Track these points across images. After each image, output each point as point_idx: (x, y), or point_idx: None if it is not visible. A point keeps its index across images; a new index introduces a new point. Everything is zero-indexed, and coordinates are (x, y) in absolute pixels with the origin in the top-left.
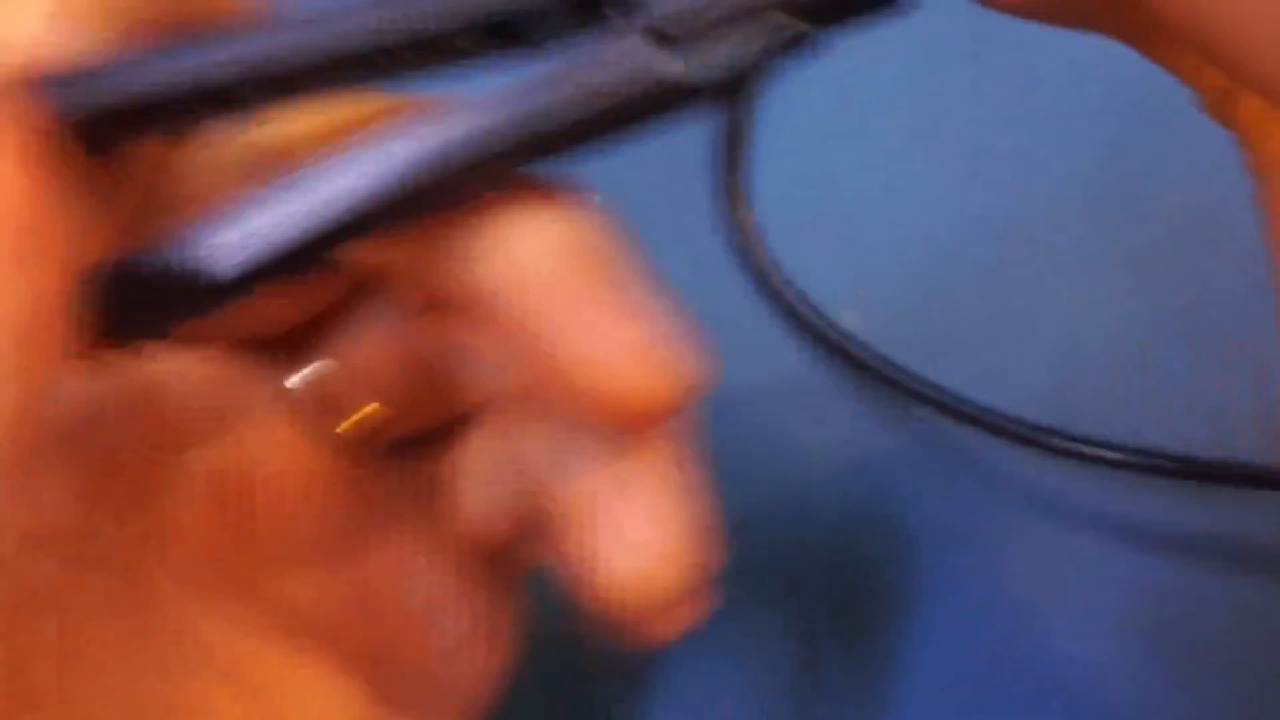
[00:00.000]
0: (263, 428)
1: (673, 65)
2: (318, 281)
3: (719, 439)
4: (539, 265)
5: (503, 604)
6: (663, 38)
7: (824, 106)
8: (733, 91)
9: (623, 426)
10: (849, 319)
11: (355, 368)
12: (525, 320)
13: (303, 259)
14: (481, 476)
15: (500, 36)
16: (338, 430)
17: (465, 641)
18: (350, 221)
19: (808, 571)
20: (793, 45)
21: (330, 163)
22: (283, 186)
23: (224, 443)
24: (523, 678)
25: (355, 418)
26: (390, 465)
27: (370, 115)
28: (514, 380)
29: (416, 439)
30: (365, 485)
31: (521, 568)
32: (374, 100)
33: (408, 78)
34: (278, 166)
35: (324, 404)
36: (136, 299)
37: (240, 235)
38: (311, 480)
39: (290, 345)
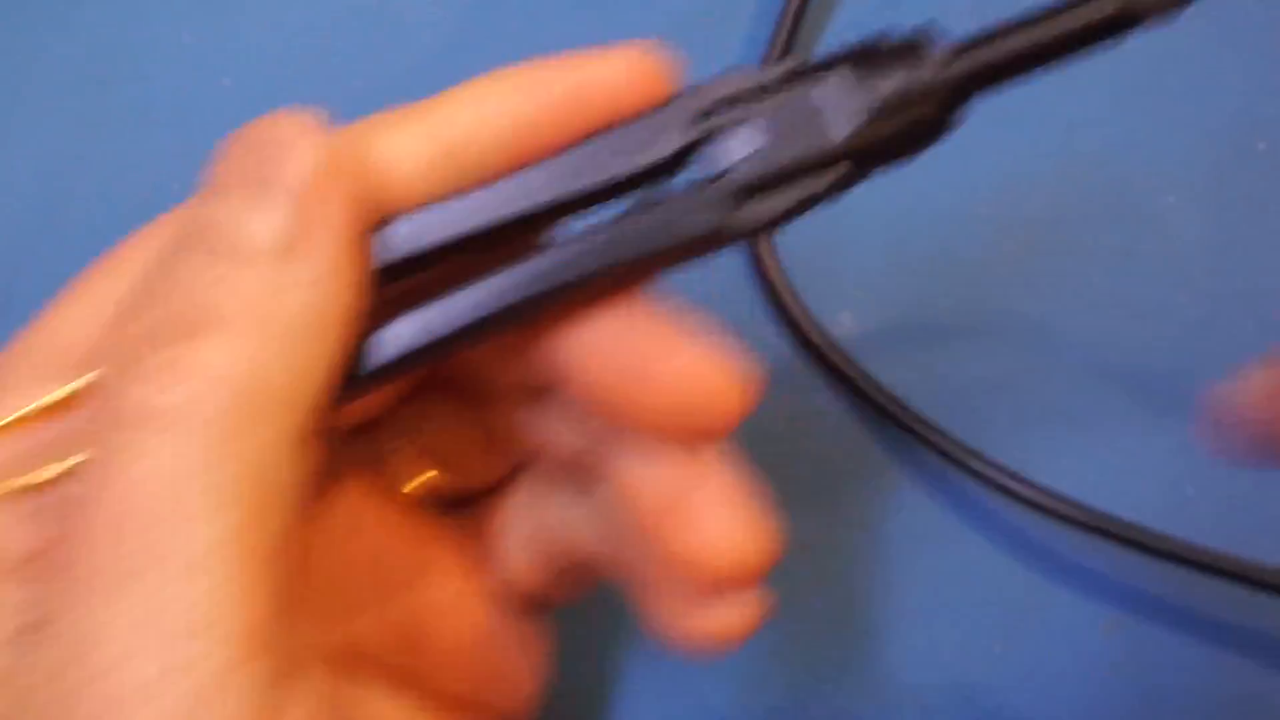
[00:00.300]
0: (347, 491)
1: (737, 215)
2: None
3: None
4: (626, 329)
5: (535, 638)
6: (730, 193)
7: None
8: (781, 228)
9: (703, 432)
10: (844, 319)
11: (421, 440)
12: (622, 370)
13: (434, 355)
14: (520, 531)
15: (612, 198)
16: (404, 490)
17: (502, 672)
18: (477, 328)
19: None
20: (835, 195)
21: (469, 283)
22: (432, 300)
23: (319, 504)
24: None
25: (419, 480)
26: (444, 518)
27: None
28: (576, 437)
29: (468, 496)
30: (421, 534)
31: (552, 606)
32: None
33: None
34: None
35: (393, 468)
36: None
37: (398, 331)
38: (378, 531)
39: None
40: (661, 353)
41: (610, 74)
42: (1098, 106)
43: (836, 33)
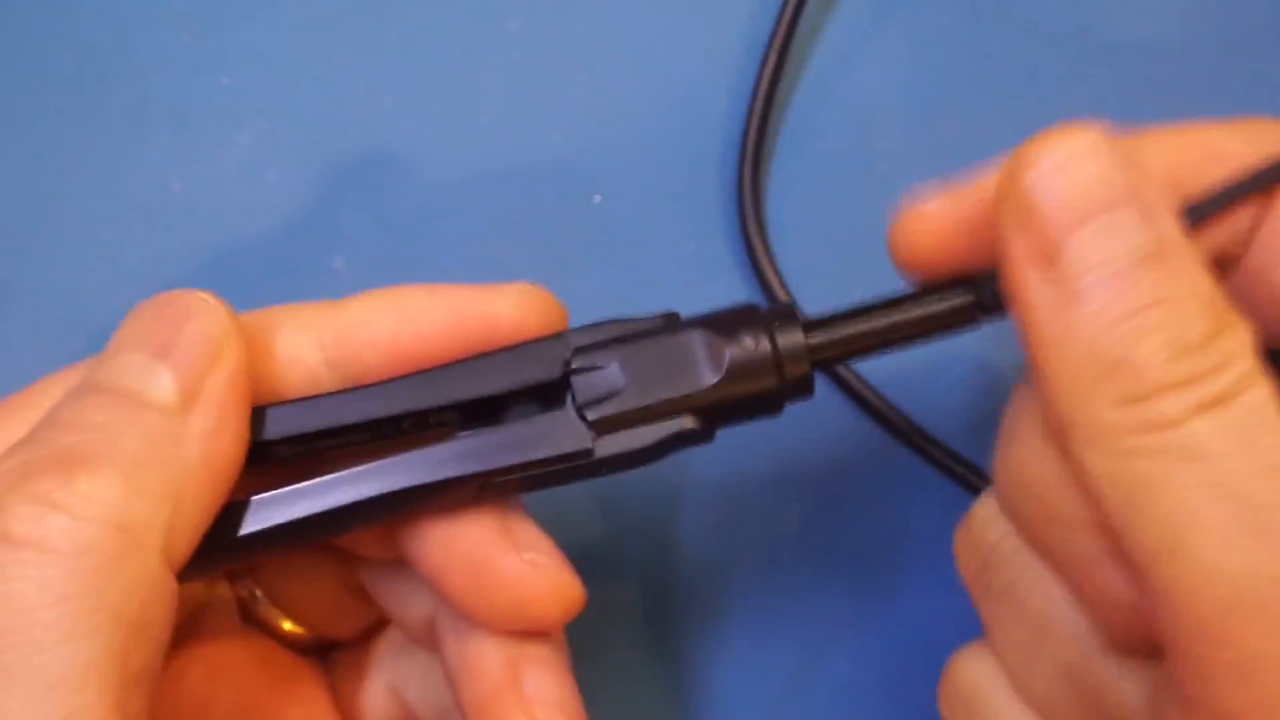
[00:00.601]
0: (217, 628)
1: (598, 446)
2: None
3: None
4: (472, 528)
5: None
6: (594, 424)
7: (834, 122)
8: (638, 465)
9: (530, 630)
10: None
11: (286, 589)
12: (462, 565)
13: (306, 536)
14: (379, 682)
15: (485, 413)
16: (271, 632)
17: None
18: (353, 516)
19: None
20: (691, 440)
21: (346, 475)
22: (310, 488)
23: (191, 638)
24: None
25: (284, 626)
26: (311, 660)
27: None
28: (425, 610)
29: (334, 642)
30: (286, 674)
31: None
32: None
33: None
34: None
35: (260, 612)
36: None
37: (269, 506)
38: (243, 668)
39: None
40: (497, 556)
41: (501, 308)
42: (1098, 106)
43: (837, 33)
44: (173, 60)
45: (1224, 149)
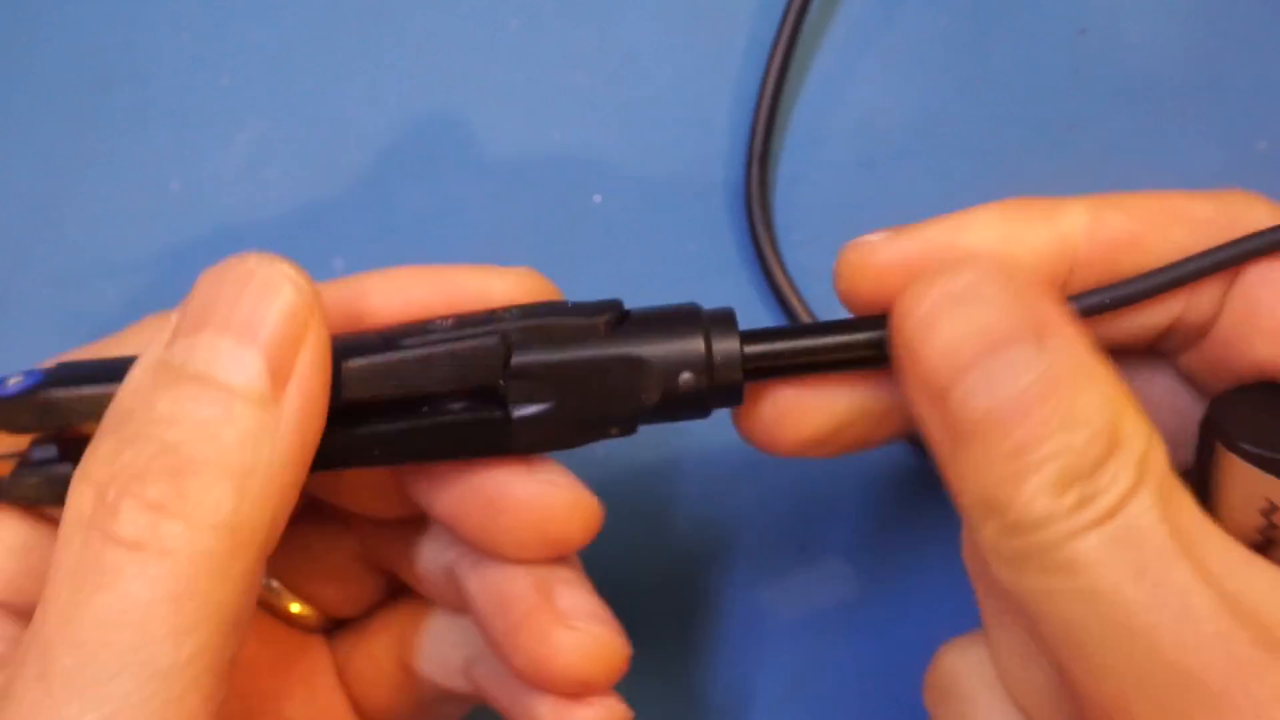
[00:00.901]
0: None
1: (523, 445)
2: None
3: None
4: (485, 469)
5: None
6: (523, 426)
7: (837, 122)
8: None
9: (554, 550)
10: None
11: (293, 568)
12: (485, 498)
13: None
14: (386, 657)
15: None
16: (292, 611)
17: None
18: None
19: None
20: (614, 437)
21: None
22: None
23: None
24: None
25: (291, 604)
26: (317, 637)
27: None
28: (441, 561)
29: (341, 620)
30: (291, 652)
31: None
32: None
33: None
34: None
35: (271, 593)
36: None
37: None
38: (247, 646)
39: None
40: (512, 482)
41: (496, 287)
42: (1098, 105)
43: (840, 33)
44: (173, 60)
45: (1189, 212)
